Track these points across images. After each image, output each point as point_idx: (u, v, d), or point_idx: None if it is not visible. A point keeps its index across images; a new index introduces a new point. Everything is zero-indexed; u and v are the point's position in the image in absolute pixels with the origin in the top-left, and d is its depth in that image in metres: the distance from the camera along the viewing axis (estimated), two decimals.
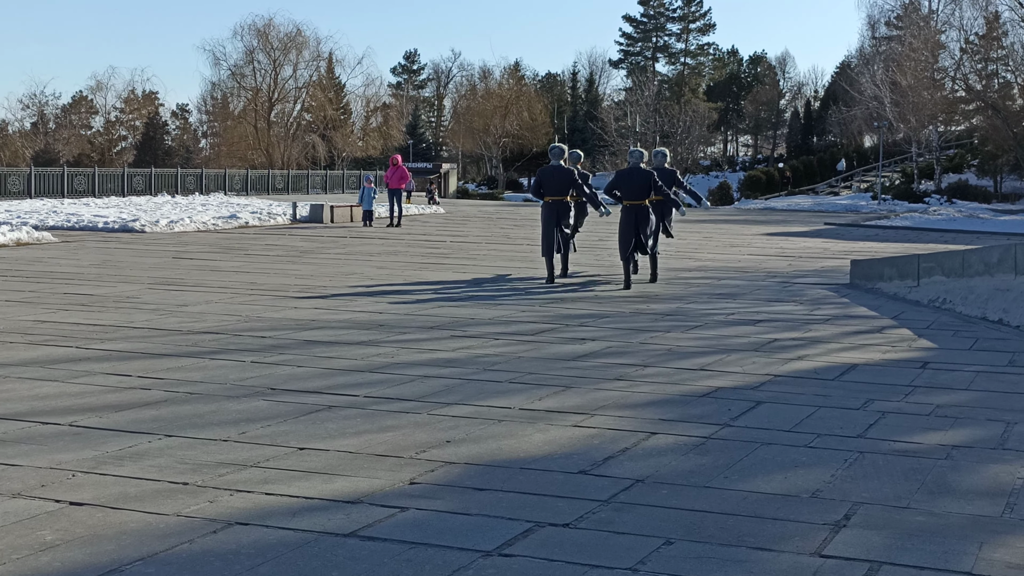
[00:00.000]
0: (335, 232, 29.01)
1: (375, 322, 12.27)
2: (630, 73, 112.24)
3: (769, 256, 23.88)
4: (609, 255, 22.96)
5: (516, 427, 7.30)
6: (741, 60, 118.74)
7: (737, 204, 68.32)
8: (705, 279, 18.53)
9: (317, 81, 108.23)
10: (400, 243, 25.42)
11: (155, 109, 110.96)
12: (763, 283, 17.93)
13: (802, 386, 9.07)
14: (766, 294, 16.22)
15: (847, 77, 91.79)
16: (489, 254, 22.91)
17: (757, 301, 15.24)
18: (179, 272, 17.56)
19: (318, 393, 8.27)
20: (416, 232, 29.55)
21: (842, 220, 43.54)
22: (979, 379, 9.53)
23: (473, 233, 30.28)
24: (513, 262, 21.18)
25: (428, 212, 42.27)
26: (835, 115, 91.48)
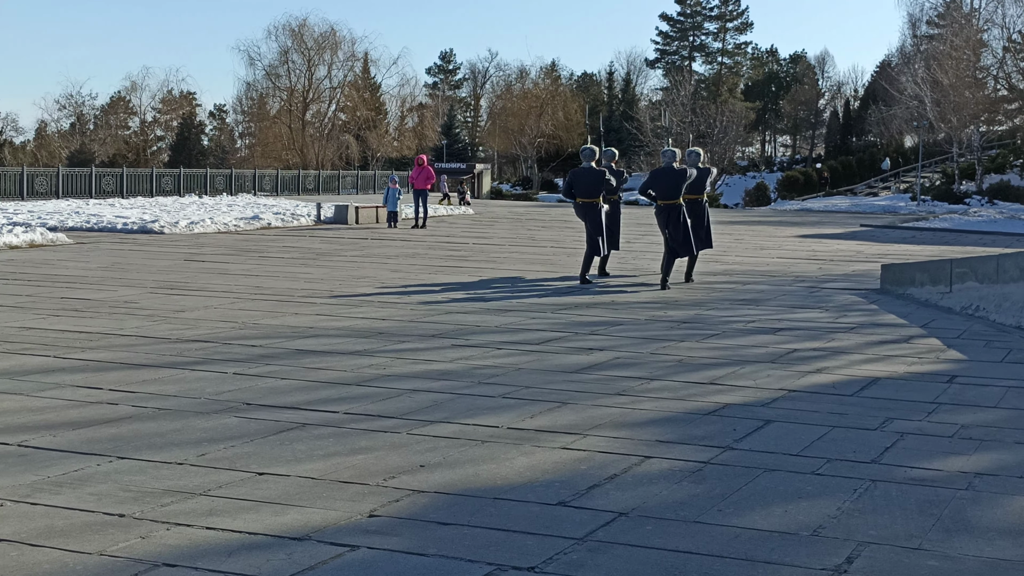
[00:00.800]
0: (358, 233, 28.57)
1: (375, 329, 11.77)
2: (667, 73, 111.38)
3: (799, 259, 23.20)
4: (635, 257, 22.39)
5: (500, 449, 6.76)
6: (780, 59, 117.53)
7: (773, 205, 67.39)
8: (729, 283, 17.91)
9: (352, 81, 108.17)
10: (421, 245, 24.93)
11: (191, 110, 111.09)
12: (789, 288, 17.29)
13: (817, 403, 8.47)
14: (791, 300, 15.58)
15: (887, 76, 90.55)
16: (510, 257, 22.37)
17: (781, 307, 14.61)
18: (186, 275, 17.14)
19: (295, 409, 7.77)
20: (440, 234, 29.06)
21: (879, 222, 42.66)
22: (1010, 395, 8.89)
23: (499, 235, 29.76)
24: (533, 265, 20.63)
25: (457, 213, 41.77)
26: (875, 115, 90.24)
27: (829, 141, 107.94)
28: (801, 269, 20.79)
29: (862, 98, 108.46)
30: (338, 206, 33.92)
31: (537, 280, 17.82)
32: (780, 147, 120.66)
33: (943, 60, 77.40)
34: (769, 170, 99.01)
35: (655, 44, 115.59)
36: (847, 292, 16.82)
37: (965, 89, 73.66)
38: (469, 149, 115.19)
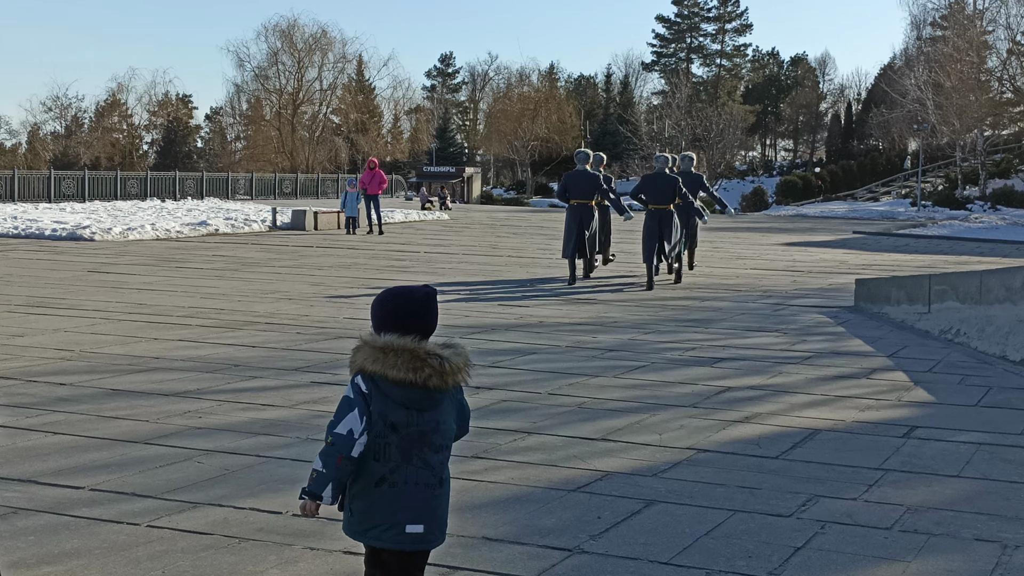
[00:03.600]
0: (309, 240, 26.75)
1: (232, 361, 9.90)
2: (663, 75, 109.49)
3: (775, 271, 21.31)
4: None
5: (254, 555, 4.89)
6: (781, 62, 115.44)
7: (769, 210, 65.49)
8: (686, 299, 16.03)
9: (346, 84, 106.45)
10: (366, 254, 23.10)
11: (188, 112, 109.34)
12: (752, 305, 15.41)
13: (729, 469, 6.60)
14: (748, 320, 13.69)
15: (889, 79, 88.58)
16: (457, 267, 20.54)
17: (732, 330, 12.73)
18: (70, 290, 15.29)
19: (27, 483, 5.92)
20: (396, 241, 27.23)
21: (873, 228, 40.74)
22: (979, 458, 7.01)
23: (460, 242, 27.91)
24: (476, 277, 18.78)
25: (430, 219, 39.95)
26: (876, 118, 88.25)
27: (830, 145, 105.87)
28: (773, 282, 18.91)
29: (864, 101, 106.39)
30: (295, 211, 32.07)
31: (470, 296, 15.95)
32: (781, 151, 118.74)
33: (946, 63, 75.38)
34: (768, 174, 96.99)
35: (651, 46, 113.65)
36: (815, 310, 14.93)
37: (968, 92, 71.66)
38: (465, 153, 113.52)
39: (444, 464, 3.66)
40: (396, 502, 3.57)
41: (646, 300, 15.88)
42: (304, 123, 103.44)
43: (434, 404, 3.60)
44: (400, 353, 3.54)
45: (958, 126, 72.75)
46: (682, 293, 16.94)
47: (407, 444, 3.57)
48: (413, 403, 3.57)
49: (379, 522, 3.59)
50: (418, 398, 3.57)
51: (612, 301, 15.61)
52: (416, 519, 3.59)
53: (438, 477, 3.62)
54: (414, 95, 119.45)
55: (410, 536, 3.59)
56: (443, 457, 3.65)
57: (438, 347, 3.61)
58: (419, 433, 3.58)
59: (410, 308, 3.62)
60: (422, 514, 3.60)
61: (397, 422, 3.56)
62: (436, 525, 3.64)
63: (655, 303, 15.48)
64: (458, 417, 3.72)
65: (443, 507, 3.66)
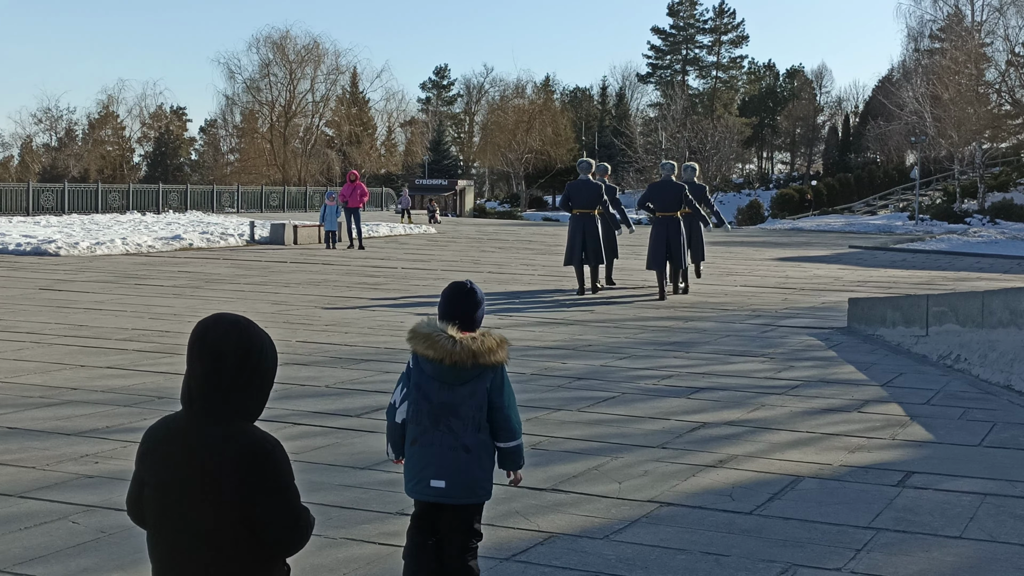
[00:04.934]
0: (285, 255, 25.85)
1: (158, 392, 8.99)
2: (659, 87, 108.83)
3: (765, 288, 20.41)
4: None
5: None
6: (778, 74, 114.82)
7: (765, 224, 64.64)
8: (668, 319, 15.12)
9: (340, 96, 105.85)
10: (340, 270, 22.21)
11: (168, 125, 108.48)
12: (738, 326, 14.50)
13: (694, 528, 5.68)
14: (732, 344, 12.78)
15: (887, 91, 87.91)
16: (433, 284, 19.63)
17: (715, 355, 11.81)
18: (12, 310, 14.38)
19: None
20: (375, 257, 26.33)
21: (870, 243, 39.85)
22: (984, 512, 6.09)
23: (442, 257, 27.02)
24: None
25: (417, 232, 39.06)
26: (873, 130, 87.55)
27: (827, 158, 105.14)
28: (762, 300, 18.00)
29: (862, 114, 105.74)
30: (274, 225, 31.16)
31: None
32: (778, 164, 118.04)
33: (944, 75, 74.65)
34: (765, 187, 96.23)
35: (647, 58, 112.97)
36: (806, 332, 14.02)
37: (967, 104, 70.93)
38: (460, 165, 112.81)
39: (470, 433, 4.29)
40: (423, 459, 4.30)
41: (625, 320, 14.98)
42: (297, 135, 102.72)
43: (461, 380, 4.29)
44: (423, 336, 4.29)
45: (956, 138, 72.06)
46: (666, 312, 16.04)
47: (436, 412, 4.29)
48: (442, 378, 4.29)
49: (412, 476, 4.34)
50: (445, 374, 4.28)
51: (591, 322, 14.71)
52: (439, 475, 4.28)
53: (461, 443, 4.28)
54: (408, 107, 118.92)
55: (433, 489, 4.28)
56: (467, 426, 4.29)
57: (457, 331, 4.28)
58: (447, 404, 4.29)
59: (445, 298, 4.45)
60: (445, 471, 4.27)
61: (430, 393, 4.31)
62: (459, 483, 4.28)
63: (635, 324, 14.57)
64: (491, 395, 4.32)
65: (469, 470, 4.29)
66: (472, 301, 4.46)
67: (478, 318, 4.47)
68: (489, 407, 4.34)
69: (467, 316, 4.41)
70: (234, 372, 2.82)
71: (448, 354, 4.25)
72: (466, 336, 4.30)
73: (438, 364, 4.28)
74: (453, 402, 4.30)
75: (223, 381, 2.81)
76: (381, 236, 35.32)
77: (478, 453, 4.32)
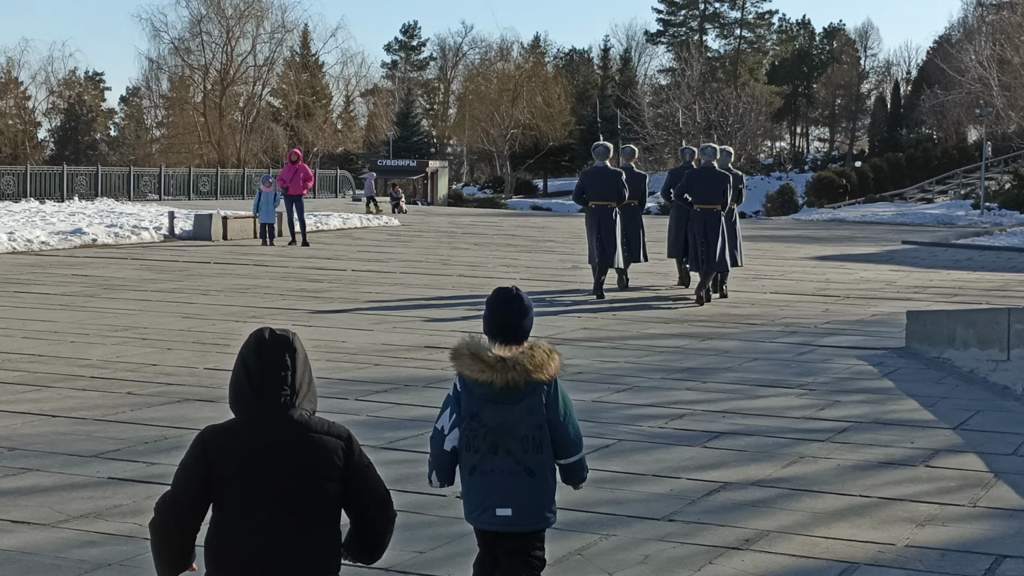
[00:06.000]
0: (209, 254, 25.15)
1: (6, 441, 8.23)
2: (672, 49, 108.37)
3: (802, 295, 19.77)
4: None
5: None
6: (813, 33, 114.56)
7: (799, 214, 64.12)
8: (679, 337, 14.43)
9: (287, 59, 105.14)
10: (277, 273, 21.50)
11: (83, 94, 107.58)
12: (767, 346, 13.82)
13: None
14: (761, 369, 12.09)
15: (945, 55, 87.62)
16: (386, 291, 18.93)
17: (738, 386, 11.11)
18: None
19: None
20: (321, 255, 25.62)
21: (927, 237, 39.26)
22: None
23: (404, 256, 26.33)
24: (408, 304, 17.16)
25: (376, 225, 38.38)
26: (929, 101, 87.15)
27: (874, 134, 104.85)
28: (798, 312, 17.35)
29: (915, 81, 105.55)
30: (199, 216, 30.42)
31: (391, 331, 14.30)
32: (814, 142, 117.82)
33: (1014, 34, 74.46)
34: (799, 170, 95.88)
35: (658, 14, 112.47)
36: (854, 353, 13.35)
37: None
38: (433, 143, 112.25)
39: (531, 454, 4.61)
40: (485, 488, 4.61)
41: (626, 339, 14.28)
42: (236, 106, 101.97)
43: (515, 399, 4.59)
44: (469, 357, 4.59)
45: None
46: (676, 328, 15.34)
47: (493, 436, 4.60)
48: (494, 399, 4.58)
49: (475, 506, 4.66)
50: (497, 394, 4.58)
51: (582, 341, 14.00)
52: (504, 503, 4.59)
53: (523, 466, 4.59)
54: (371, 73, 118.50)
55: (500, 519, 4.61)
56: (527, 447, 4.60)
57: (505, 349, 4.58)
58: (504, 426, 4.59)
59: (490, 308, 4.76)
60: (510, 499, 4.59)
61: (483, 416, 4.60)
62: (526, 510, 4.61)
63: (639, 343, 13.86)
64: (548, 411, 4.63)
65: (534, 495, 4.62)
66: (520, 308, 4.75)
67: (527, 328, 4.76)
68: (547, 423, 4.67)
69: (515, 328, 4.70)
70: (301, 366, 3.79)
71: (499, 375, 4.56)
72: (516, 353, 4.59)
73: (488, 386, 4.58)
74: (509, 423, 4.61)
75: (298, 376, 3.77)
76: (331, 230, 34.69)
77: (543, 475, 4.67)
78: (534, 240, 33.18)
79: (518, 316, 4.71)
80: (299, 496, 3.66)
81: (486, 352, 4.58)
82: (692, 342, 14.11)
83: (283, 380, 3.74)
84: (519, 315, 4.72)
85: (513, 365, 4.54)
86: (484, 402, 4.60)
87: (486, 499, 4.61)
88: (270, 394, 3.73)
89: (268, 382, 3.73)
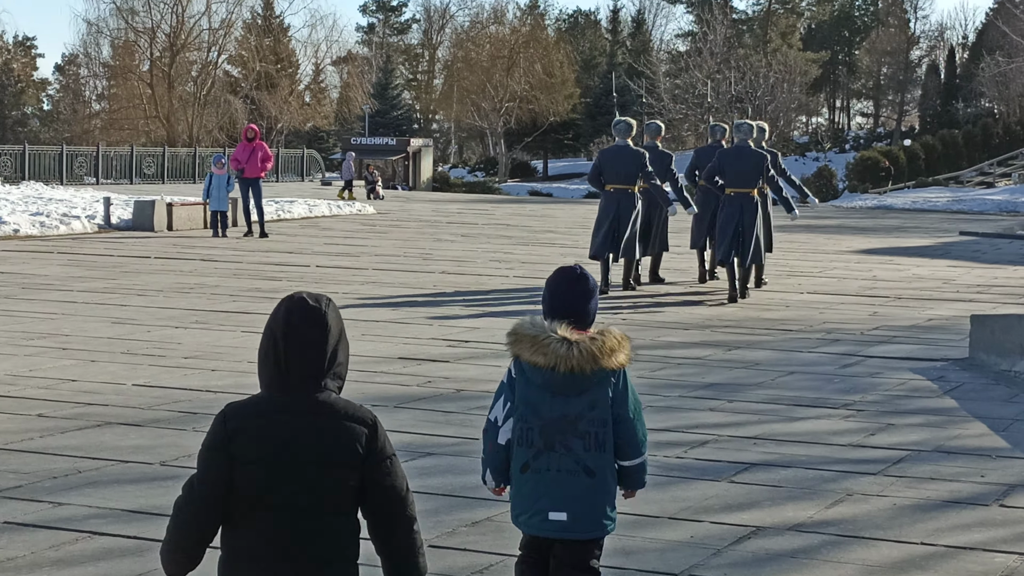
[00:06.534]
0: (151, 247, 24.88)
1: None
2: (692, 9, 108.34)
3: (845, 295, 19.60)
4: None
5: None
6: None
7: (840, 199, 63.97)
8: (705, 344, 14.14)
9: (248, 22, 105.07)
10: (227, 270, 21.27)
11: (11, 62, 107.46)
12: (805, 356, 13.58)
13: None
14: (798, 386, 11.83)
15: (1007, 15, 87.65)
16: (359, 290, 18.76)
17: (773, 404, 10.84)
18: None
19: None
20: (281, 249, 25.34)
21: (989, 227, 39.05)
22: None
23: (379, 249, 26.08)
24: (379, 306, 16.90)
25: (347, 213, 38.12)
26: (989, 70, 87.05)
27: (925, 108, 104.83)
28: (842, 315, 17.14)
29: (973, 47, 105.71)
30: (140, 203, 30.10)
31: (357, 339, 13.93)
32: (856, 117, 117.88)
33: None
34: (839, 149, 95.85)
35: None
36: (908, 365, 13.12)
37: None
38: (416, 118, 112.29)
39: (592, 452, 4.79)
40: (538, 488, 4.80)
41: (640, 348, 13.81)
42: (188, 76, 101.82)
43: (579, 390, 4.77)
44: (529, 338, 4.78)
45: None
46: (697, 336, 15.01)
47: (550, 430, 4.80)
48: (555, 388, 4.78)
49: (525, 508, 4.86)
50: (559, 383, 4.77)
51: None
52: (559, 506, 4.77)
53: (583, 465, 4.77)
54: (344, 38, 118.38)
55: (554, 523, 4.80)
56: (589, 444, 4.78)
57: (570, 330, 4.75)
58: (563, 419, 4.79)
59: (552, 288, 4.95)
60: (566, 501, 4.77)
61: (540, 407, 4.81)
62: (584, 514, 4.78)
63: (654, 353, 13.52)
64: (614, 405, 4.80)
65: (594, 498, 4.78)
66: (585, 289, 4.91)
67: (593, 311, 4.91)
68: (612, 419, 4.80)
69: (581, 310, 4.85)
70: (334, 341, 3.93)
71: (562, 359, 4.70)
72: (583, 336, 4.74)
73: (550, 372, 4.73)
74: (570, 416, 4.75)
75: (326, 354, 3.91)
76: (295, 218, 34.49)
77: (603, 476, 4.80)
78: (531, 231, 32.91)
79: (584, 298, 4.87)
80: (317, 483, 3.86)
81: (549, 332, 4.73)
82: (716, 352, 13.80)
83: (311, 359, 3.91)
84: (585, 296, 4.87)
85: (580, 349, 4.68)
86: (543, 391, 4.76)
87: (538, 500, 4.77)
88: (295, 372, 3.90)
89: (294, 360, 3.90)
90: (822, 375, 12.48)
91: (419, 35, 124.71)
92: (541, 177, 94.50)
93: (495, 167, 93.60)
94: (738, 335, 15.14)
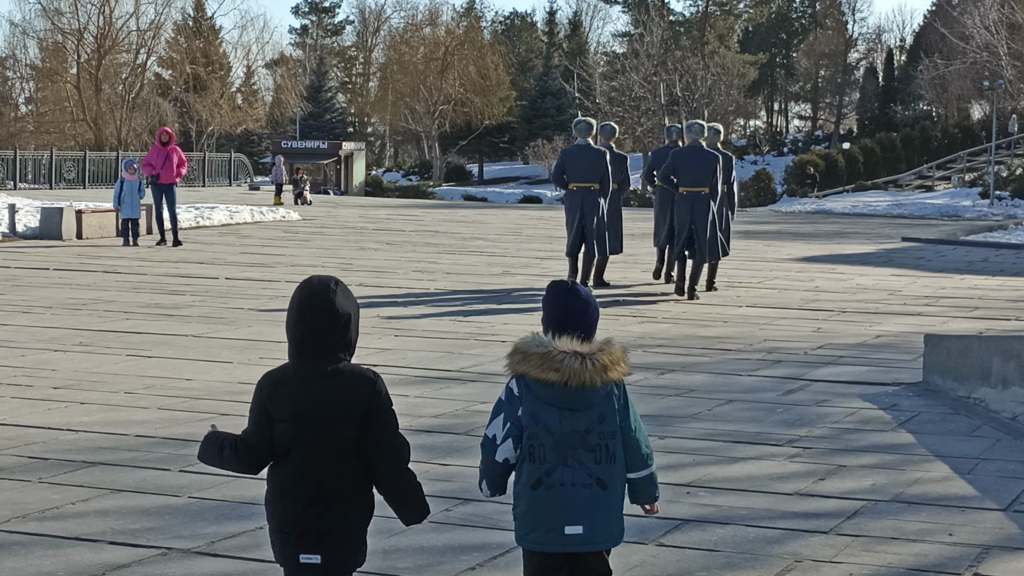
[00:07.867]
0: (55, 257, 23.64)
1: None
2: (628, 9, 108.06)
3: (786, 308, 18.53)
4: None
5: None
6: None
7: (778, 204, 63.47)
8: (643, 363, 12.90)
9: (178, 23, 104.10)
10: (130, 282, 20.06)
11: None
12: (747, 380, 12.46)
13: None
14: (738, 416, 10.69)
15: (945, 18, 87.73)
16: (268, 304, 17.45)
17: (709, 442, 9.68)
18: None
19: None
20: (193, 259, 24.09)
21: (932, 233, 38.24)
22: None
23: (297, 259, 24.89)
24: None
25: (270, 219, 36.91)
26: (927, 72, 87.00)
27: (863, 111, 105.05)
28: (784, 331, 16.03)
29: (911, 50, 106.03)
30: (47, 210, 28.86)
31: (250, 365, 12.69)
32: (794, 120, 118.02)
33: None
34: (777, 152, 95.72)
35: None
36: (856, 391, 11.98)
37: None
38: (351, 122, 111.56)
39: (604, 465, 4.87)
40: (553, 504, 4.85)
41: None
42: (117, 79, 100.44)
43: (587, 404, 4.85)
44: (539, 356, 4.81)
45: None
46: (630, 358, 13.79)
47: (562, 445, 4.85)
48: (563, 403, 4.84)
49: (538, 525, 4.88)
50: (567, 398, 4.83)
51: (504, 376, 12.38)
52: (575, 519, 4.85)
53: (595, 478, 4.86)
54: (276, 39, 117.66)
55: (571, 537, 4.86)
56: (600, 457, 4.86)
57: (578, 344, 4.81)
58: (573, 434, 4.86)
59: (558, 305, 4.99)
60: (581, 514, 4.85)
61: (549, 423, 4.86)
62: (599, 526, 4.88)
63: None
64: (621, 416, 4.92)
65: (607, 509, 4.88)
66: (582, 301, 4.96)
67: (594, 322, 4.97)
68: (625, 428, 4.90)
69: (585, 322, 4.91)
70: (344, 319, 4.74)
71: (575, 374, 4.74)
72: (593, 350, 4.81)
73: (561, 387, 4.77)
74: (580, 430, 4.81)
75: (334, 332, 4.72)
76: (214, 225, 33.25)
77: (614, 488, 4.89)
78: (460, 238, 31.76)
79: (585, 309, 4.92)
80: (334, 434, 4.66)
81: (557, 349, 4.76)
82: (648, 376, 12.58)
83: (323, 339, 4.70)
84: (585, 307, 4.92)
85: (593, 362, 4.73)
86: (551, 407, 4.80)
87: (554, 516, 4.79)
88: (311, 346, 4.70)
89: (309, 339, 4.70)
90: (763, 404, 11.29)
91: (353, 37, 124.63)
92: (476, 181, 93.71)
93: (430, 171, 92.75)
94: (672, 355, 13.97)
